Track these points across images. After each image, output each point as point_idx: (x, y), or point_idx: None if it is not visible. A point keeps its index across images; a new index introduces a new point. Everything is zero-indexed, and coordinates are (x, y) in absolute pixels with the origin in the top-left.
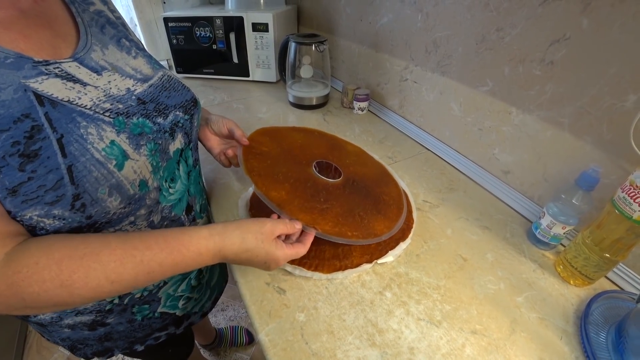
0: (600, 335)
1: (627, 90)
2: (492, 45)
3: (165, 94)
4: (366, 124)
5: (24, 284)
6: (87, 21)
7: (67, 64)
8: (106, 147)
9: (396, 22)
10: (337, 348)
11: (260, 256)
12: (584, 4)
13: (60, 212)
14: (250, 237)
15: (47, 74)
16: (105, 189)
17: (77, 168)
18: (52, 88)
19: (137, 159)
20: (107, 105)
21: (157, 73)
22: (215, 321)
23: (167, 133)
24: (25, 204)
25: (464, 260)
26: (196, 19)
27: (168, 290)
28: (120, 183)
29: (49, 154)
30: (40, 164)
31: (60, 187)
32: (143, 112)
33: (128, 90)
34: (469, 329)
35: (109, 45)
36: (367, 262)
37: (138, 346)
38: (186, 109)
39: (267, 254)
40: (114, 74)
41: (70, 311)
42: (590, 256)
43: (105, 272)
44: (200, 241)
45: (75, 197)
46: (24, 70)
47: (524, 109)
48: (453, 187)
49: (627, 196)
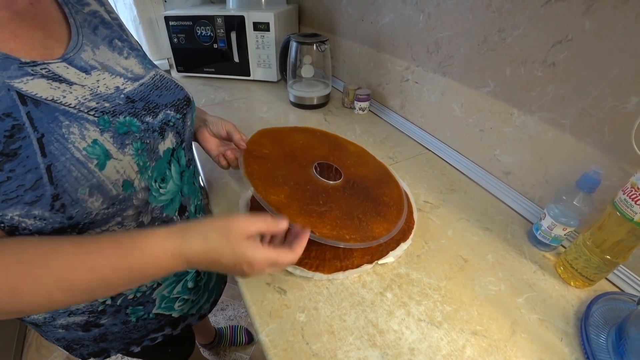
0: (600, 336)
1: (629, 92)
2: (493, 46)
3: (156, 92)
4: (367, 124)
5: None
6: (79, 22)
7: (55, 65)
8: (88, 146)
9: (398, 22)
10: (338, 349)
11: (226, 256)
12: (586, 6)
13: (41, 212)
14: (213, 234)
15: (33, 74)
16: (86, 189)
17: (57, 168)
18: (37, 88)
19: (121, 158)
20: (93, 104)
21: (149, 72)
22: (215, 320)
23: (156, 132)
24: (5, 204)
25: (464, 261)
26: (197, 18)
27: (162, 291)
28: (102, 183)
29: (29, 153)
30: (19, 163)
31: (39, 187)
32: (131, 110)
33: (117, 89)
34: (469, 330)
35: (100, 46)
36: (368, 262)
37: (134, 347)
38: (178, 108)
39: (234, 255)
40: (104, 72)
41: (63, 311)
42: (591, 258)
43: (54, 279)
44: (156, 242)
45: (55, 197)
46: (9, 71)
47: (525, 110)
48: (454, 188)
49: (628, 198)
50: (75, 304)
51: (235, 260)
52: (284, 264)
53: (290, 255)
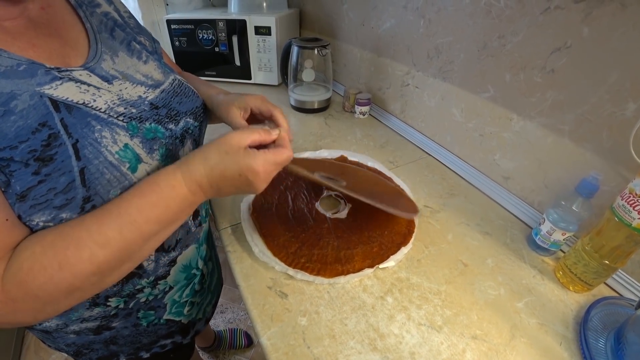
0: (599, 341)
1: (627, 98)
2: (493, 52)
3: (177, 99)
4: (367, 129)
5: (29, 279)
6: (96, 26)
7: (77, 72)
8: (120, 150)
9: (398, 27)
10: (339, 352)
11: (230, 168)
12: (585, 13)
13: (69, 215)
14: (211, 152)
15: (61, 78)
16: (118, 190)
17: (90, 170)
18: (67, 92)
19: (150, 162)
20: (121, 109)
21: (168, 78)
22: (215, 323)
23: (178, 139)
24: (33, 209)
25: (464, 266)
26: (199, 22)
27: (173, 296)
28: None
29: (64, 158)
30: (54, 167)
31: (70, 190)
32: (156, 117)
33: (140, 97)
34: (469, 334)
35: (119, 52)
36: (369, 266)
37: (144, 353)
38: (196, 116)
39: (236, 164)
40: (125, 82)
41: (76, 318)
42: (589, 263)
43: (91, 236)
44: (168, 174)
45: (86, 199)
46: (37, 77)
47: (524, 116)
48: (454, 193)
49: (626, 204)
50: (117, 265)
51: (240, 170)
52: (284, 159)
53: (286, 151)
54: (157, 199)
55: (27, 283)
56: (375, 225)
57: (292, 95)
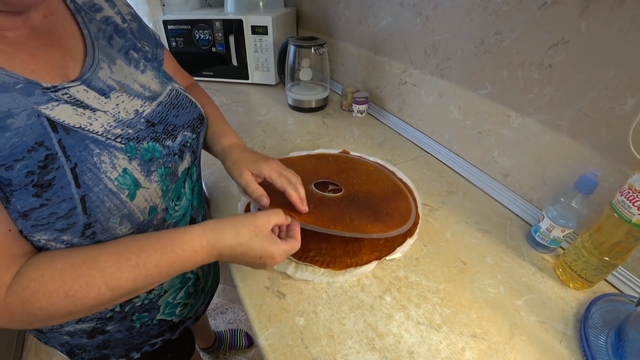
0: (599, 338)
1: (625, 93)
2: (491, 48)
3: (173, 112)
4: (365, 127)
5: (32, 299)
6: (94, 33)
7: (74, 89)
8: (119, 176)
9: (395, 25)
10: (337, 352)
11: (255, 249)
12: (582, 8)
13: (70, 237)
14: (244, 230)
15: (57, 100)
16: (117, 218)
17: (91, 198)
18: (64, 114)
19: (148, 186)
20: (118, 131)
21: (165, 88)
22: (215, 324)
23: (176, 155)
24: (35, 228)
25: (463, 264)
26: (195, 22)
27: (167, 298)
28: (132, 212)
29: (63, 184)
30: (54, 193)
31: (72, 216)
32: (152, 135)
33: (136, 113)
34: (468, 332)
35: (117, 60)
36: (376, 258)
37: (134, 353)
38: (193, 128)
39: (261, 248)
40: (122, 94)
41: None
42: (589, 259)
43: (103, 278)
44: (193, 238)
45: (87, 225)
46: (34, 97)
47: (523, 112)
48: (452, 190)
49: (626, 200)
50: (116, 303)
51: (262, 253)
52: (293, 251)
53: (296, 243)
54: (176, 259)
55: (30, 302)
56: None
57: (290, 95)
